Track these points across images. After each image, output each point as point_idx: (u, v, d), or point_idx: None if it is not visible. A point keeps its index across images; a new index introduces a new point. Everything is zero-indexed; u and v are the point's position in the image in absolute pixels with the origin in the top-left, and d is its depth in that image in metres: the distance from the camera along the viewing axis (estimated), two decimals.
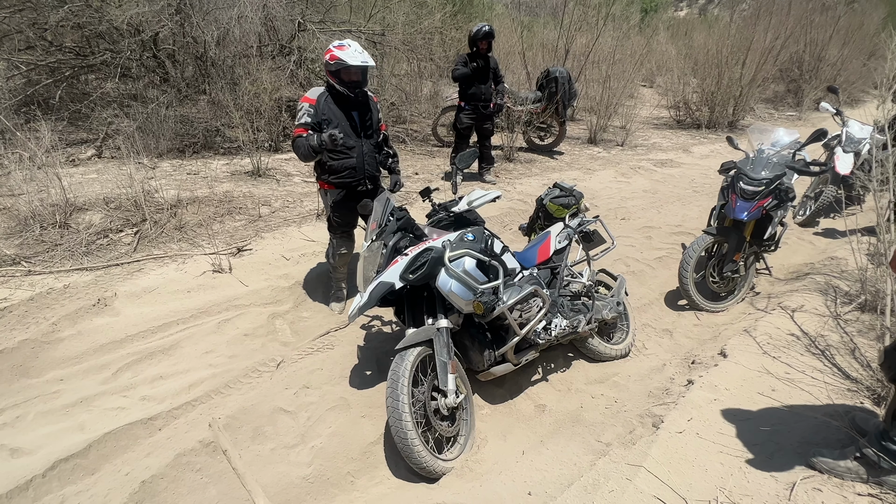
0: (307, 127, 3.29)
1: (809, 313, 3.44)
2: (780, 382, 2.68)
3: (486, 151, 6.61)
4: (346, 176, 3.44)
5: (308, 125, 3.29)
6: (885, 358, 1.90)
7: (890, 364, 1.85)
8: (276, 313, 3.69)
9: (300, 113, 3.31)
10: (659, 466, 2.15)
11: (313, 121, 3.30)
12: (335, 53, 3.20)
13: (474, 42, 5.98)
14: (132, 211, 4.52)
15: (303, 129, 3.29)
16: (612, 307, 3.37)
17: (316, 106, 3.30)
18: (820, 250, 5.01)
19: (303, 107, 3.31)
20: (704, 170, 7.76)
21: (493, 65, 6.22)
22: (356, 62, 3.19)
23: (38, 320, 3.28)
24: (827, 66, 12.97)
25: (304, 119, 3.29)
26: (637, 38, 10.91)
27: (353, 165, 3.43)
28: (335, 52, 3.21)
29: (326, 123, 3.30)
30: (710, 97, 10.50)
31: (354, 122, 3.42)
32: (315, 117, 3.30)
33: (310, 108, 3.30)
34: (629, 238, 5.19)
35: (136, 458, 2.42)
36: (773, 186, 3.76)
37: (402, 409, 2.33)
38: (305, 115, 3.29)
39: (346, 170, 3.43)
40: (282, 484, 2.37)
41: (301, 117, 3.30)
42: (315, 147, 3.20)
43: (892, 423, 1.87)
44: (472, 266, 2.68)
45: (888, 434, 1.89)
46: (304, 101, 3.33)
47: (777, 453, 2.16)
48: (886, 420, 1.90)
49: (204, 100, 7.13)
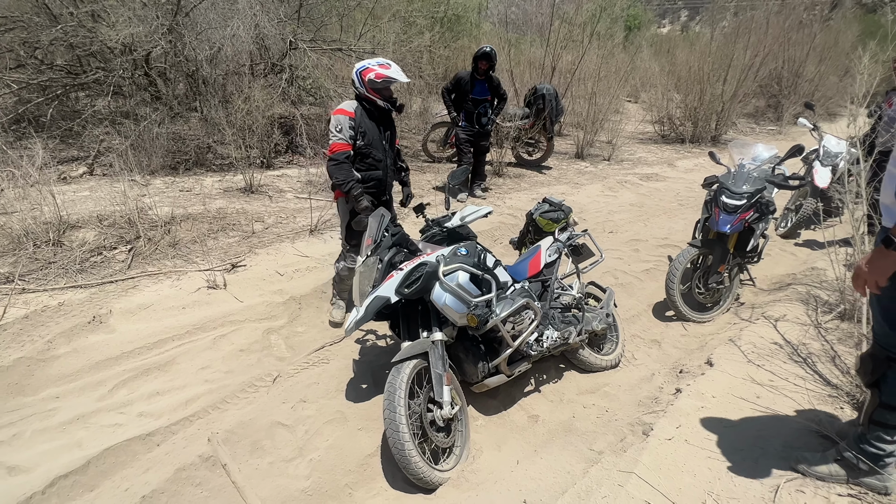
0: (347, 143, 3.43)
1: (792, 322, 3.55)
2: (764, 390, 2.77)
3: (480, 168, 6.74)
4: (372, 186, 3.61)
5: (348, 141, 3.43)
6: (861, 364, 1.99)
7: (866, 370, 1.94)
8: (271, 328, 3.72)
9: (340, 126, 3.42)
10: (649, 472, 2.22)
11: (351, 135, 3.45)
12: (381, 72, 3.40)
13: (475, 61, 6.19)
14: (126, 228, 4.55)
15: (346, 145, 3.43)
16: (601, 319, 3.46)
17: (355, 119, 3.44)
18: (801, 261, 5.16)
19: (342, 120, 3.42)
20: (689, 183, 7.94)
21: (496, 83, 6.41)
22: (405, 79, 3.47)
23: (34, 338, 3.30)
24: (805, 81, 13.37)
25: (346, 134, 3.42)
26: (621, 56, 11.16)
27: (380, 177, 3.64)
28: (381, 70, 3.41)
29: (362, 136, 3.47)
30: (693, 112, 10.76)
31: (383, 135, 3.60)
32: (353, 130, 3.45)
33: (350, 120, 3.43)
34: (617, 251, 5.30)
35: (135, 474, 2.44)
36: (754, 200, 3.89)
37: (399, 421, 2.38)
38: (346, 128, 3.42)
39: (373, 181, 3.62)
40: (281, 497, 2.40)
41: (342, 131, 3.41)
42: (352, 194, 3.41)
43: (870, 426, 1.96)
44: (466, 280, 2.76)
45: (866, 437, 1.98)
46: (342, 114, 3.44)
47: (762, 457, 2.24)
48: (864, 423, 1.99)
49: (196, 117, 7.19)
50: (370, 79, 3.42)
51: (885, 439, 1.94)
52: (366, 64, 3.45)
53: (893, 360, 1.86)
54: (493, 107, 6.53)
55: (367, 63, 3.46)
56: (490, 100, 6.46)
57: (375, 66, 3.43)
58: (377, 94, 3.47)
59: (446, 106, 6.54)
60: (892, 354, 1.86)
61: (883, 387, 1.89)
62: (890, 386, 1.88)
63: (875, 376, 1.90)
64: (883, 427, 1.93)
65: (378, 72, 3.41)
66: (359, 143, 3.49)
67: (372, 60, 3.48)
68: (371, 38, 8.21)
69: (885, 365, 1.87)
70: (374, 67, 3.42)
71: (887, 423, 1.91)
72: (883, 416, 1.92)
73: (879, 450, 1.95)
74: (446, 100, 6.51)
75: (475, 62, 6.26)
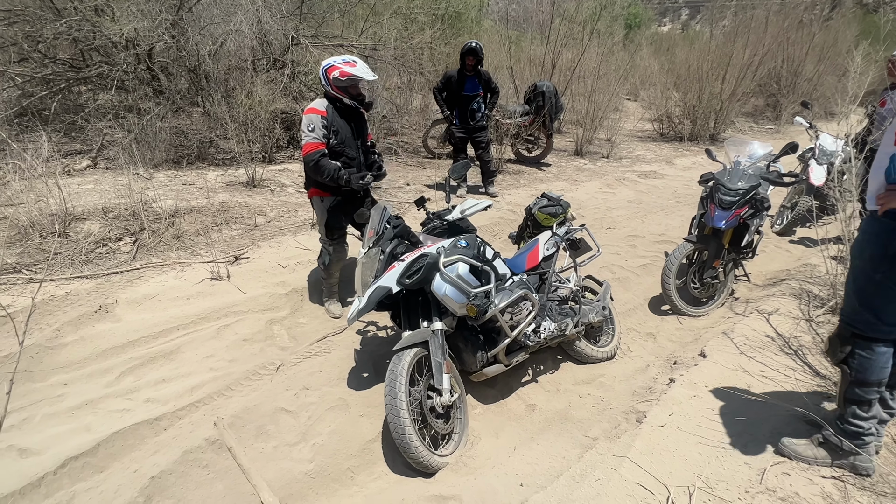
0: (321, 142, 3.41)
1: (784, 316, 3.63)
2: (755, 379, 2.85)
3: (485, 166, 6.72)
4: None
5: (321, 140, 3.41)
6: (829, 345, 2.11)
7: (834, 349, 2.06)
8: (273, 319, 3.80)
9: (312, 126, 3.40)
10: (642, 457, 2.30)
11: (325, 134, 3.43)
12: (346, 70, 3.37)
13: (462, 57, 6.22)
14: (130, 220, 4.61)
15: (319, 144, 3.40)
16: (598, 311, 3.53)
17: (327, 117, 3.44)
18: (796, 258, 5.24)
19: (314, 119, 3.40)
20: (687, 181, 8.02)
21: (486, 77, 6.43)
22: (370, 76, 3.43)
23: (42, 326, 3.37)
24: (804, 81, 13.43)
25: (319, 132, 3.40)
26: (621, 54, 11.22)
27: (353, 173, 3.59)
28: (345, 68, 3.37)
29: (335, 134, 3.47)
30: (692, 111, 10.84)
31: (354, 132, 3.60)
32: (326, 129, 3.44)
33: (322, 119, 3.42)
34: (614, 246, 5.38)
35: (144, 457, 2.52)
36: (749, 196, 3.96)
37: (400, 407, 2.45)
38: (319, 127, 3.40)
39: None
40: (285, 479, 2.47)
41: (315, 130, 3.40)
42: (342, 183, 3.42)
43: (844, 405, 2.06)
44: (466, 271, 2.83)
45: (844, 417, 2.07)
46: (314, 112, 3.41)
47: (751, 443, 2.32)
48: (839, 404, 2.09)
49: (198, 112, 7.25)
50: (335, 77, 3.39)
51: (860, 416, 2.03)
52: (331, 62, 3.42)
53: (858, 336, 1.98)
54: (487, 101, 6.57)
55: (332, 60, 3.42)
56: (482, 95, 6.50)
57: (340, 63, 3.39)
58: (343, 93, 3.45)
59: (439, 105, 6.57)
60: (856, 330, 1.98)
61: (851, 363, 2.00)
62: (858, 362, 1.99)
63: (843, 354, 2.00)
64: (857, 403, 2.03)
65: (343, 69, 3.37)
66: (332, 142, 3.47)
67: (338, 58, 3.44)
68: (372, 35, 8.25)
69: (850, 342, 1.98)
70: (338, 65, 3.38)
71: (861, 399, 2.02)
72: (854, 394, 2.02)
73: (857, 427, 2.04)
74: (438, 99, 6.54)
75: (462, 59, 6.26)
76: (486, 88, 6.49)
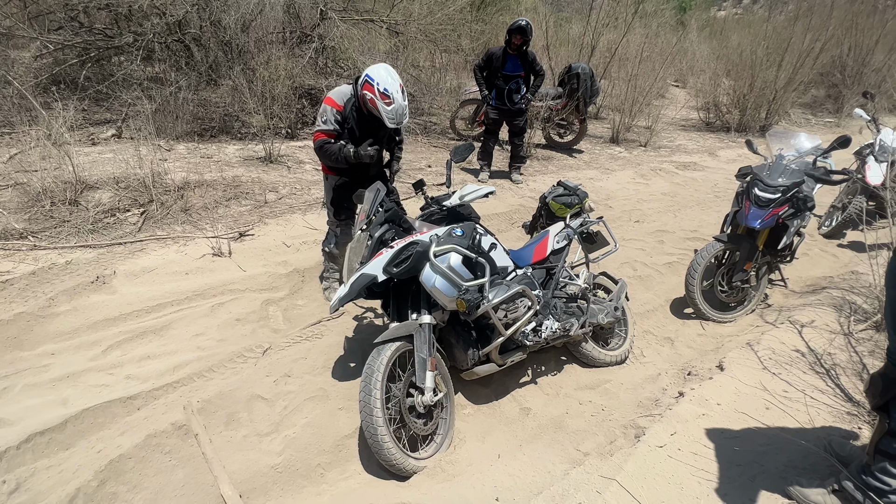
0: (331, 133, 3.26)
1: (820, 329, 3.26)
2: (775, 400, 2.54)
3: (516, 150, 6.45)
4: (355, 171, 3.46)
5: (331, 132, 3.26)
6: (870, 384, 1.74)
7: (875, 390, 1.70)
8: (270, 300, 3.68)
9: (325, 116, 3.25)
10: (632, 481, 2.05)
11: (335, 128, 3.26)
12: (376, 100, 3.07)
13: (509, 34, 5.89)
14: (140, 191, 4.58)
15: (325, 135, 3.26)
16: (608, 312, 3.26)
17: (342, 113, 3.26)
18: (842, 264, 4.77)
19: (328, 110, 3.24)
20: (729, 174, 7.46)
21: (531, 58, 6.05)
22: (391, 125, 3.18)
23: (37, 294, 3.35)
24: (871, 71, 12.35)
25: (330, 125, 3.25)
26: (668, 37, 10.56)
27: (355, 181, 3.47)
28: (377, 100, 3.06)
29: (349, 133, 3.31)
30: (742, 100, 10.12)
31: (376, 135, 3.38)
32: (338, 125, 3.27)
33: (336, 113, 3.25)
34: (640, 241, 5.04)
35: (111, 437, 2.43)
36: (790, 194, 3.57)
37: (374, 405, 2.28)
38: (331, 120, 3.24)
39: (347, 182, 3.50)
40: (250, 472, 2.35)
41: (325, 121, 3.25)
42: (351, 160, 3.23)
43: (875, 456, 1.72)
44: (458, 262, 2.61)
45: (870, 468, 1.74)
46: (330, 104, 3.24)
47: (760, 476, 2.04)
48: (869, 453, 1.75)
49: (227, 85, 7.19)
50: (364, 95, 3.13)
51: (890, 472, 1.70)
52: (375, 79, 3.07)
53: None
54: (530, 84, 6.22)
55: (376, 78, 3.07)
56: (523, 76, 6.13)
57: (378, 91, 3.05)
58: (364, 106, 3.23)
59: (478, 84, 6.27)
60: None
61: (893, 412, 1.65)
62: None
63: (884, 398, 1.66)
64: (890, 458, 1.69)
65: (373, 98, 3.07)
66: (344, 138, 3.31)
67: (384, 79, 3.06)
68: (404, 9, 7.98)
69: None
70: (376, 92, 3.05)
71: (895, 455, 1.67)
72: (890, 447, 1.68)
73: (884, 484, 1.71)
74: (478, 77, 6.22)
75: (509, 35, 5.91)
76: (530, 69, 6.11)
